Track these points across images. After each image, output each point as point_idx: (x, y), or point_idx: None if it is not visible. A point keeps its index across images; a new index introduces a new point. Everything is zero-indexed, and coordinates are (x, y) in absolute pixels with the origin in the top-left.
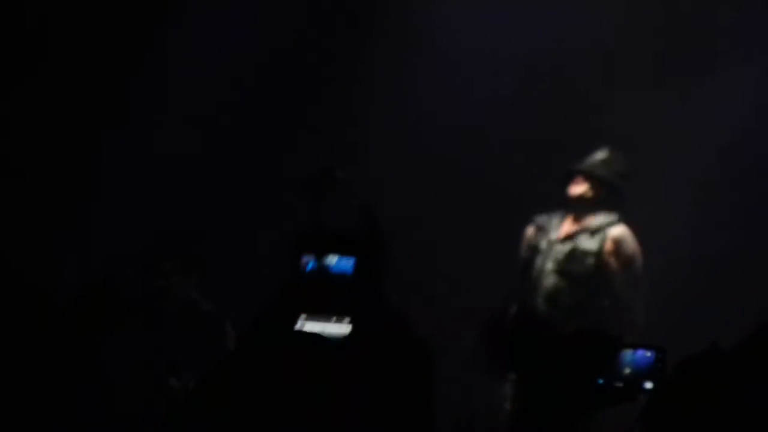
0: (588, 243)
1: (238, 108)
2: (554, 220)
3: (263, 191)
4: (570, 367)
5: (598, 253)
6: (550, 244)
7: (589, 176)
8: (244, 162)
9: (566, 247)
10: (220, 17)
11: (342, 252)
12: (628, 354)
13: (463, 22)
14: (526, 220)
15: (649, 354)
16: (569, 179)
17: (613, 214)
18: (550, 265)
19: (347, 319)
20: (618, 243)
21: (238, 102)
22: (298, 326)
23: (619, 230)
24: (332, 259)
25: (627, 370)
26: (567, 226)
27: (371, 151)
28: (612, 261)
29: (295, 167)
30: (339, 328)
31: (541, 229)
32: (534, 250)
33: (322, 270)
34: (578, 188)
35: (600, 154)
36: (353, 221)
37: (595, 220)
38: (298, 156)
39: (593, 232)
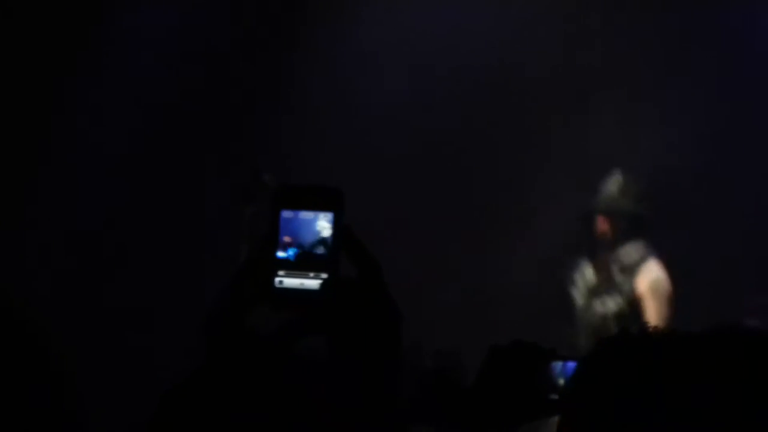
0: (620, 279)
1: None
2: (583, 263)
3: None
4: (506, 382)
5: (631, 292)
6: (586, 283)
7: (610, 212)
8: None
9: (601, 286)
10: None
11: (320, 207)
12: (558, 366)
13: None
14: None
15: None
16: (590, 219)
17: (640, 245)
18: (589, 305)
19: (325, 275)
20: (650, 282)
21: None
22: (276, 282)
23: (650, 268)
24: (309, 215)
25: (561, 381)
26: (599, 264)
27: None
28: (645, 300)
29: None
30: (317, 284)
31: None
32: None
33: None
34: (602, 227)
35: (613, 184)
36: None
37: (626, 254)
38: (225, 161)
39: (625, 269)
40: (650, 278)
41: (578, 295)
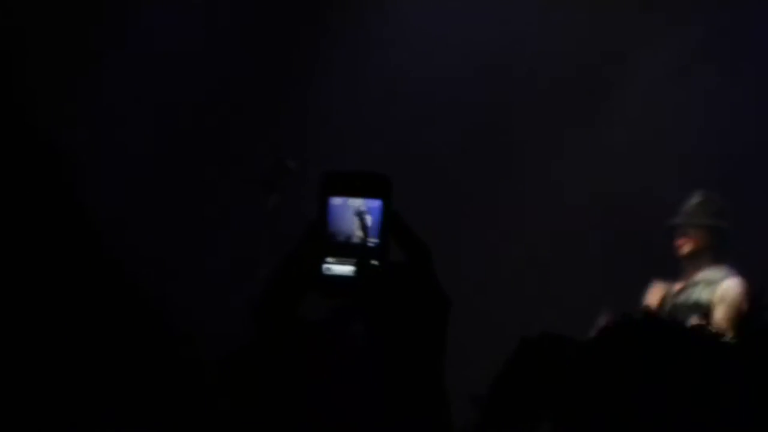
0: (703, 294)
1: (188, 105)
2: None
3: (218, 187)
4: (534, 373)
5: (709, 305)
6: (670, 296)
7: (689, 228)
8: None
9: (680, 299)
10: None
11: (368, 194)
12: None
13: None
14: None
15: None
16: (673, 235)
17: (723, 266)
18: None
19: (375, 262)
20: (722, 290)
21: (188, 99)
22: (324, 269)
23: (728, 282)
24: (358, 201)
25: None
26: (683, 280)
27: (324, 143)
28: (716, 307)
29: (247, 161)
30: (369, 269)
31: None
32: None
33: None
34: (684, 243)
35: (693, 200)
36: (308, 212)
37: (710, 271)
38: (249, 150)
39: (708, 283)
40: (723, 287)
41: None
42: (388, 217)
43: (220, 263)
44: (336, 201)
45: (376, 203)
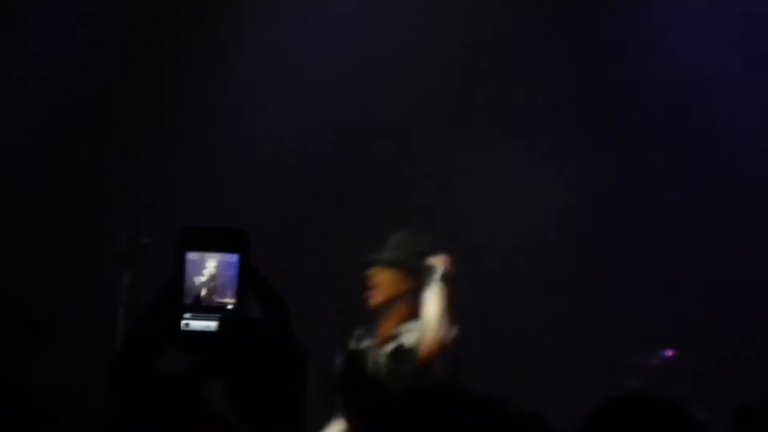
0: (409, 338)
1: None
2: (366, 331)
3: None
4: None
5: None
6: (369, 348)
7: (383, 266)
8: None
9: (388, 349)
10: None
11: (225, 248)
12: None
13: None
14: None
15: None
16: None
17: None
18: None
19: (233, 315)
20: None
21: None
22: (182, 325)
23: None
24: (215, 256)
25: None
26: (384, 330)
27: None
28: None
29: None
30: (226, 324)
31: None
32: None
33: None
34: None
35: (389, 242)
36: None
37: (408, 316)
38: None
39: (410, 329)
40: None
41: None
42: (245, 272)
43: (74, 339)
44: (193, 256)
45: (233, 257)
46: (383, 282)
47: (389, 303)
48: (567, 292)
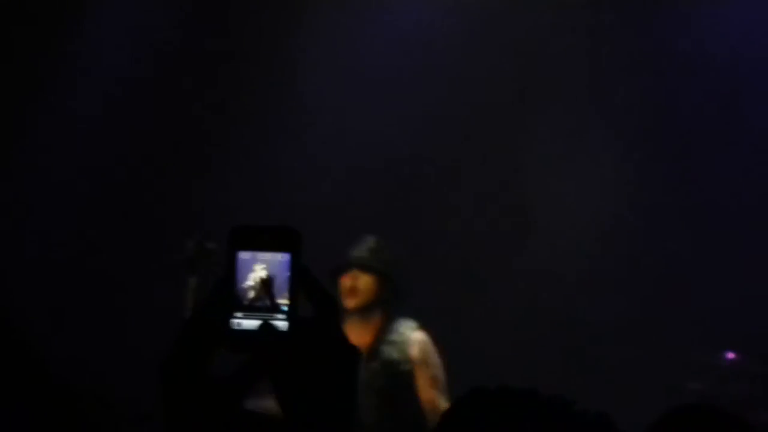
0: (393, 352)
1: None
2: None
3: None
4: None
5: (400, 363)
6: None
7: (360, 273)
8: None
9: (372, 365)
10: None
11: (277, 248)
12: None
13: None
14: None
15: None
16: (337, 278)
17: (410, 322)
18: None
19: (283, 315)
20: (423, 353)
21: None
22: (234, 324)
23: (420, 337)
24: (266, 256)
25: None
26: (356, 338)
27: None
28: (423, 374)
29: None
30: (277, 324)
31: None
32: None
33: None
34: (353, 292)
35: (365, 244)
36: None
37: (394, 326)
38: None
39: (392, 341)
40: (416, 345)
41: None
42: (296, 272)
43: (142, 343)
44: (244, 255)
45: (284, 257)
46: (362, 286)
47: (365, 309)
48: (634, 295)
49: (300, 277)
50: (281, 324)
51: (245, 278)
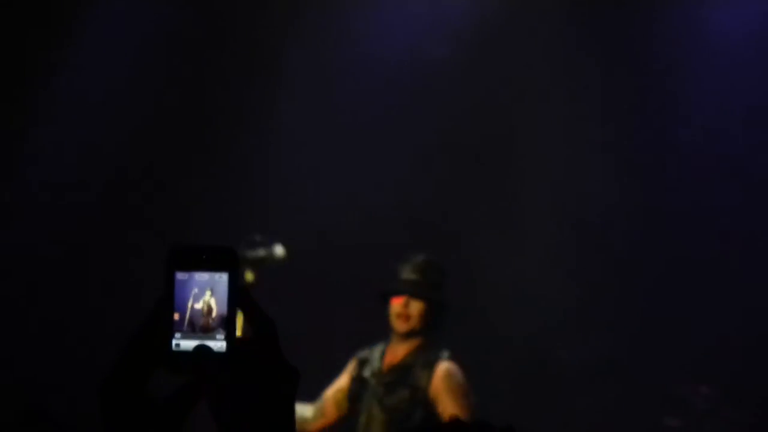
0: (421, 378)
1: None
2: (376, 352)
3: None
4: None
5: (424, 390)
6: (373, 374)
7: (413, 300)
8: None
9: (391, 378)
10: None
11: (214, 268)
12: None
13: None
14: None
15: None
16: (387, 300)
17: (434, 342)
18: (373, 401)
19: (222, 335)
20: (450, 382)
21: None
22: (173, 345)
23: (449, 366)
24: (204, 276)
25: None
26: (390, 356)
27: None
28: (447, 403)
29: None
30: (215, 344)
31: (363, 363)
32: (359, 382)
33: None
34: (406, 317)
35: (416, 266)
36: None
37: (425, 352)
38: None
39: (424, 365)
40: (443, 374)
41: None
42: (234, 292)
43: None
44: (182, 276)
45: (222, 277)
46: (415, 313)
47: (412, 333)
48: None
49: (238, 298)
50: (220, 344)
51: (184, 299)
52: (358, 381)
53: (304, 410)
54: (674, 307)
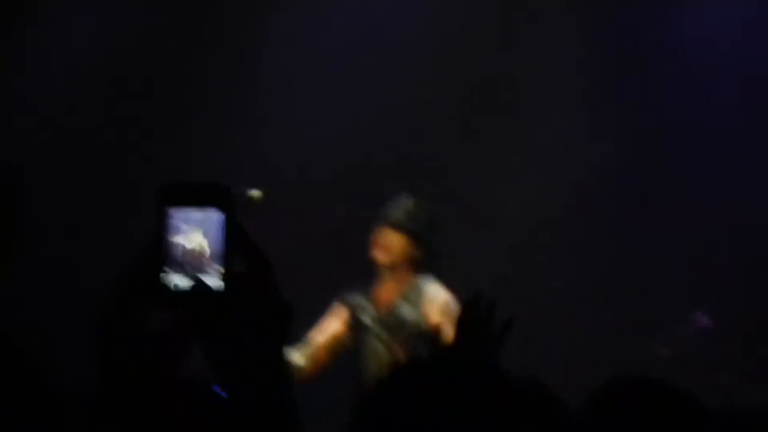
0: (410, 313)
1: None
2: (364, 295)
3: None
4: None
5: (419, 323)
6: (373, 320)
7: (394, 233)
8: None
9: (389, 320)
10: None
11: (209, 204)
12: None
13: None
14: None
15: None
16: (370, 235)
17: (421, 274)
18: (378, 344)
19: (215, 271)
20: (444, 307)
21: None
22: (166, 281)
23: (437, 291)
24: (198, 213)
25: None
26: (383, 297)
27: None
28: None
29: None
30: (210, 281)
31: (357, 308)
32: (359, 329)
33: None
34: (385, 250)
35: (402, 204)
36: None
37: (413, 286)
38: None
39: (412, 300)
40: (435, 301)
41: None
42: (230, 229)
43: None
44: (175, 212)
45: (217, 214)
46: (394, 245)
47: (395, 268)
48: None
49: (233, 235)
50: (215, 282)
51: (177, 235)
52: (357, 328)
53: (294, 357)
54: (665, 238)
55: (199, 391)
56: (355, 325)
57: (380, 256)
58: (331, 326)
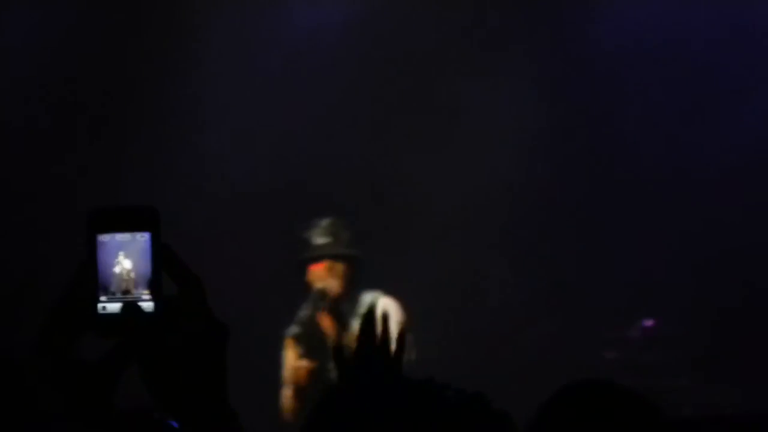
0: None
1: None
2: (307, 323)
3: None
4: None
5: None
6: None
7: (330, 260)
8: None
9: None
10: None
11: (136, 228)
12: None
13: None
14: None
15: None
16: (304, 269)
17: (376, 292)
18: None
19: (147, 295)
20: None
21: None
22: (99, 308)
23: (386, 301)
24: (126, 237)
25: None
26: (327, 321)
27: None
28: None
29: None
30: (142, 305)
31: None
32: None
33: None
34: (325, 277)
35: (324, 230)
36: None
37: (356, 302)
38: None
39: (359, 313)
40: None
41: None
42: (157, 250)
43: None
44: (104, 238)
45: (144, 236)
46: (340, 273)
47: (332, 291)
48: (547, 267)
49: (161, 256)
50: (147, 304)
51: (108, 261)
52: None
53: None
54: (611, 240)
55: (143, 421)
56: (307, 355)
57: (331, 286)
58: (293, 362)
